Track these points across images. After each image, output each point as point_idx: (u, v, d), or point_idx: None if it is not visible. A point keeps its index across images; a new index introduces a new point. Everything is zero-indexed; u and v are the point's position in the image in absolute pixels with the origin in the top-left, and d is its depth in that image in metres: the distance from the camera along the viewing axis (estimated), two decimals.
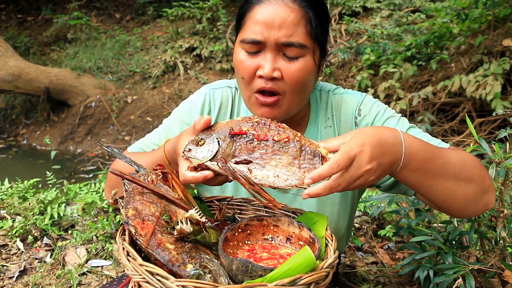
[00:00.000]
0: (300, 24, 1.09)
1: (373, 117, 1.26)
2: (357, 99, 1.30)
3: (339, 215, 1.34)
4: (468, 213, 1.14)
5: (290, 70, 1.11)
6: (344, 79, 6.04)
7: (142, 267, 0.76)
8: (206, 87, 1.39)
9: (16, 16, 11.04)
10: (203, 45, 7.55)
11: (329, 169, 0.87)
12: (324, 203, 1.32)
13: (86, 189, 2.94)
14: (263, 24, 1.09)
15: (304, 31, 1.10)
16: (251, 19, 1.12)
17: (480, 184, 1.08)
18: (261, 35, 1.09)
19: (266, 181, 0.91)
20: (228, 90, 1.37)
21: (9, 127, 7.93)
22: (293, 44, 1.09)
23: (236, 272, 0.80)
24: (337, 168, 0.87)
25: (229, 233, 0.94)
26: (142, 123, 6.77)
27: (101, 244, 2.25)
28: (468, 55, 5.11)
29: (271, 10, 1.09)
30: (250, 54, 1.13)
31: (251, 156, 0.95)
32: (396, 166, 0.96)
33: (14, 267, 2.04)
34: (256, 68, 1.12)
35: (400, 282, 1.91)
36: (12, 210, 2.51)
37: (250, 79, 1.14)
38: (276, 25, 1.08)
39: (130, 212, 0.90)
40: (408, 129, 1.23)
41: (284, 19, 1.08)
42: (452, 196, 1.05)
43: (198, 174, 0.93)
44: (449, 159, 1.04)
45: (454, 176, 1.04)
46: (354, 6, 7.65)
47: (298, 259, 0.79)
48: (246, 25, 1.13)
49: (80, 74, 7.60)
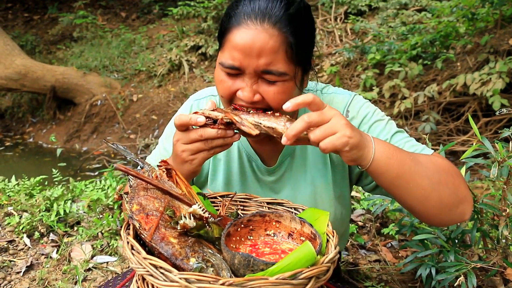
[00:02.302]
0: (279, 50, 1.06)
1: (360, 119, 1.26)
2: (346, 99, 1.30)
3: (335, 212, 1.36)
4: (442, 220, 1.13)
5: (270, 93, 1.10)
6: (349, 78, 6.04)
7: (146, 261, 0.78)
8: (191, 98, 1.42)
9: (23, 15, 11.12)
10: (208, 44, 7.56)
11: (306, 95, 0.95)
12: (317, 200, 1.34)
13: (92, 186, 2.97)
14: (241, 51, 1.06)
15: (284, 57, 1.07)
16: (229, 42, 1.09)
17: (455, 191, 1.09)
18: (239, 62, 1.07)
19: (252, 119, 1.04)
20: (212, 98, 1.39)
21: (15, 125, 7.99)
22: (272, 72, 1.07)
23: (238, 266, 0.82)
24: (312, 96, 0.95)
25: (232, 229, 0.96)
26: (148, 122, 6.79)
27: (106, 240, 2.27)
28: (474, 54, 5.09)
29: (250, 36, 1.05)
30: (230, 75, 1.12)
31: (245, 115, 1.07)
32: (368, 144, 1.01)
33: (21, 262, 2.07)
34: (236, 89, 1.12)
35: (403, 280, 1.91)
36: (19, 207, 2.54)
37: (229, 98, 1.15)
38: (254, 53, 1.05)
39: (134, 207, 0.92)
40: (395, 133, 1.23)
41: (262, 47, 1.04)
42: (427, 198, 1.06)
43: (192, 115, 1.04)
44: (418, 158, 1.08)
45: (427, 175, 1.05)
46: (360, 5, 7.64)
47: (299, 253, 0.80)
48: (225, 47, 1.11)
49: (86, 72, 7.64)
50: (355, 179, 1.37)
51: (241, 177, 1.35)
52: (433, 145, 4.30)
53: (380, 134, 1.23)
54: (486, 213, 1.57)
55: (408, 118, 5.03)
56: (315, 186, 1.33)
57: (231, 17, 1.10)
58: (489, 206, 1.49)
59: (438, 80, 5.11)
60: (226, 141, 1.07)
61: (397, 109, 4.86)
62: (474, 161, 1.46)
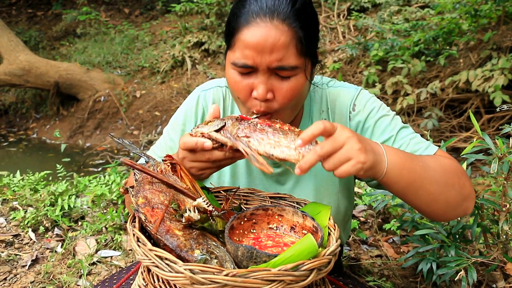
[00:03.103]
0: (290, 45, 1.08)
1: (367, 113, 1.28)
2: (352, 93, 1.31)
3: (338, 198, 1.37)
4: (447, 217, 1.19)
5: (283, 89, 1.11)
6: (352, 74, 6.04)
7: (151, 252, 0.80)
8: (198, 89, 1.42)
9: (27, 11, 11.14)
10: (211, 40, 7.57)
11: (315, 126, 0.91)
12: (321, 193, 1.35)
13: (96, 181, 2.99)
14: (253, 49, 1.07)
15: (294, 51, 1.09)
16: (240, 41, 1.09)
17: (460, 190, 1.11)
18: (252, 60, 1.08)
19: (262, 149, 0.96)
20: (218, 89, 1.40)
21: (19, 121, 8.03)
22: (284, 68, 1.09)
23: (242, 258, 0.84)
24: (322, 126, 0.90)
25: (235, 222, 0.98)
26: (151, 118, 6.82)
27: (110, 235, 2.30)
28: (477, 51, 5.08)
29: (261, 33, 1.06)
30: (243, 74, 1.13)
31: (252, 134, 1.00)
32: (381, 158, 0.99)
33: (26, 256, 2.09)
34: (251, 88, 1.13)
35: (404, 275, 1.93)
36: (24, 202, 2.57)
37: (246, 99, 1.15)
38: (267, 50, 1.06)
39: (140, 201, 0.94)
40: (401, 129, 1.25)
41: (274, 43, 1.06)
42: (435, 201, 1.08)
43: (199, 138, 1.00)
44: (428, 164, 1.08)
45: (436, 180, 1.07)
46: (363, 2, 7.63)
47: (301, 246, 0.82)
48: (236, 47, 1.11)
49: (89, 68, 7.66)
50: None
51: (247, 169, 1.37)
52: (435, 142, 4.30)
53: (386, 129, 1.25)
54: (487, 208, 1.59)
55: (410, 114, 5.04)
56: (319, 179, 1.34)
57: (239, 16, 1.11)
58: (490, 202, 1.50)
59: (441, 77, 5.11)
60: (233, 160, 1.06)
61: (400, 106, 4.86)
62: (475, 157, 1.48)
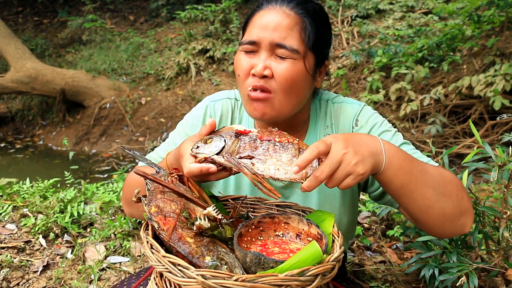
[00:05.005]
0: (294, 29, 1.18)
1: (369, 129, 1.32)
2: (356, 109, 1.35)
3: (340, 211, 1.41)
4: (444, 231, 1.16)
5: (279, 68, 1.18)
6: (356, 81, 6.08)
7: (165, 258, 0.84)
8: (207, 99, 1.47)
9: (33, 19, 11.29)
10: (216, 47, 7.65)
11: (310, 151, 0.95)
12: (324, 199, 1.38)
13: (103, 188, 3.04)
14: (260, 26, 1.19)
15: (297, 36, 1.18)
16: (251, 24, 1.23)
17: (458, 203, 1.11)
18: (256, 36, 1.19)
19: (268, 173, 1.00)
20: (228, 101, 1.44)
21: (25, 128, 8.11)
22: (285, 46, 1.17)
23: (250, 264, 0.88)
24: (316, 150, 0.95)
25: (243, 229, 1.02)
26: (156, 124, 6.88)
27: (119, 241, 2.34)
28: (480, 57, 5.11)
29: (269, 15, 1.19)
30: (247, 53, 1.22)
31: (254, 152, 1.04)
32: (379, 159, 1.02)
33: (37, 262, 2.14)
34: (251, 67, 1.20)
35: (407, 281, 1.96)
36: (34, 209, 2.62)
37: (245, 77, 1.22)
38: (270, 28, 1.18)
39: (152, 209, 0.98)
40: (402, 144, 1.27)
41: (279, 22, 1.17)
42: (430, 208, 1.08)
43: (203, 165, 1.02)
44: (426, 169, 1.10)
45: (432, 186, 1.08)
46: (367, 8, 7.68)
47: (306, 252, 0.86)
48: (247, 31, 1.24)
49: (95, 75, 7.74)
50: (363, 185, 1.41)
51: (251, 183, 1.41)
52: (439, 148, 4.33)
53: None
54: (488, 215, 1.62)
55: (414, 120, 5.06)
56: (324, 194, 1.38)
57: (255, 8, 1.26)
58: (491, 209, 1.54)
59: (445, 83, 5.14)
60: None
61: (403, 112, 4.89)
62: (475, 165, 1.51)
